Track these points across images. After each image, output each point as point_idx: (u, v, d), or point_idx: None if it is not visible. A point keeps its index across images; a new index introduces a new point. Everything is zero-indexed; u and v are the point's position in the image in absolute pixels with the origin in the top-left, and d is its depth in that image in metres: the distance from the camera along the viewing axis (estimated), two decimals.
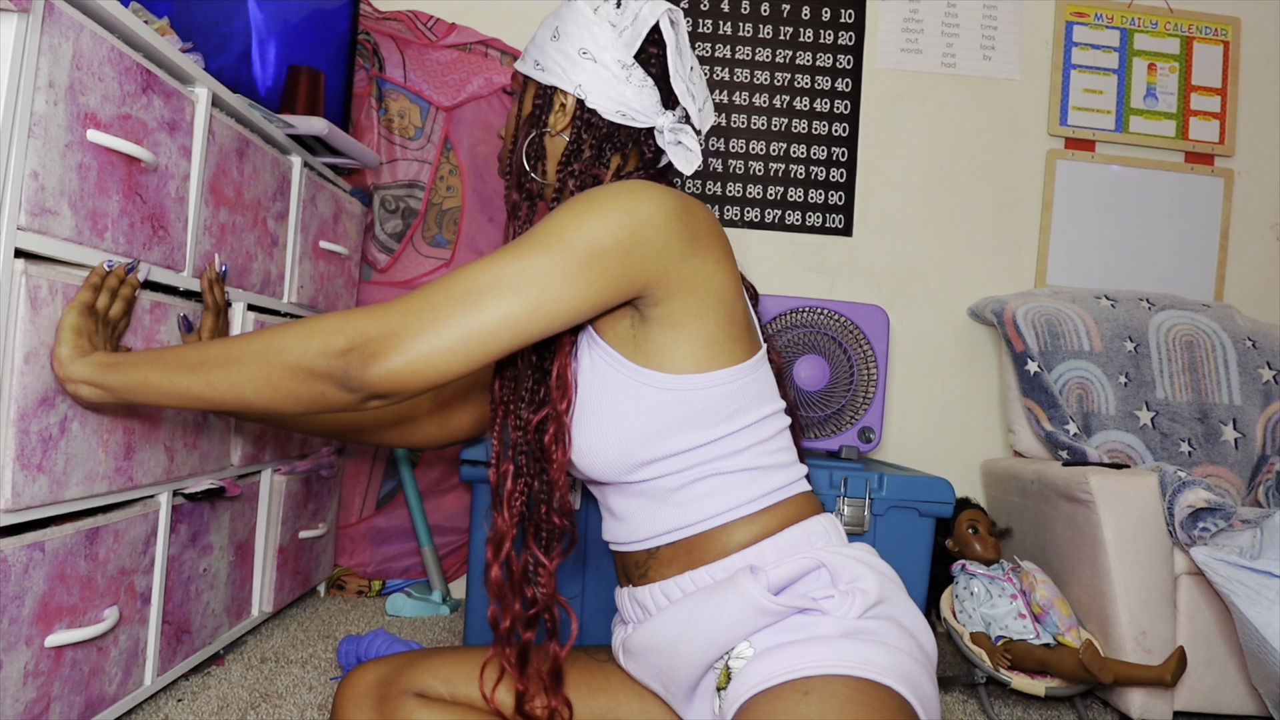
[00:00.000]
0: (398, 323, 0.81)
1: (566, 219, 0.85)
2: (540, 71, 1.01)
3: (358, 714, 0.96)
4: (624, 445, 0.91)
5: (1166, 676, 1.41)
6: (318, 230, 1.73)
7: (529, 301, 0.82)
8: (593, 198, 0.86)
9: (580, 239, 0.83)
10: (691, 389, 0.90)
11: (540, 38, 1.02)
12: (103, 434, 1.07)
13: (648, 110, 0.99)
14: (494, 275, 0.82)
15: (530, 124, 1.02)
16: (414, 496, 2.01)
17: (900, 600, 0.91)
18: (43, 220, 0.95)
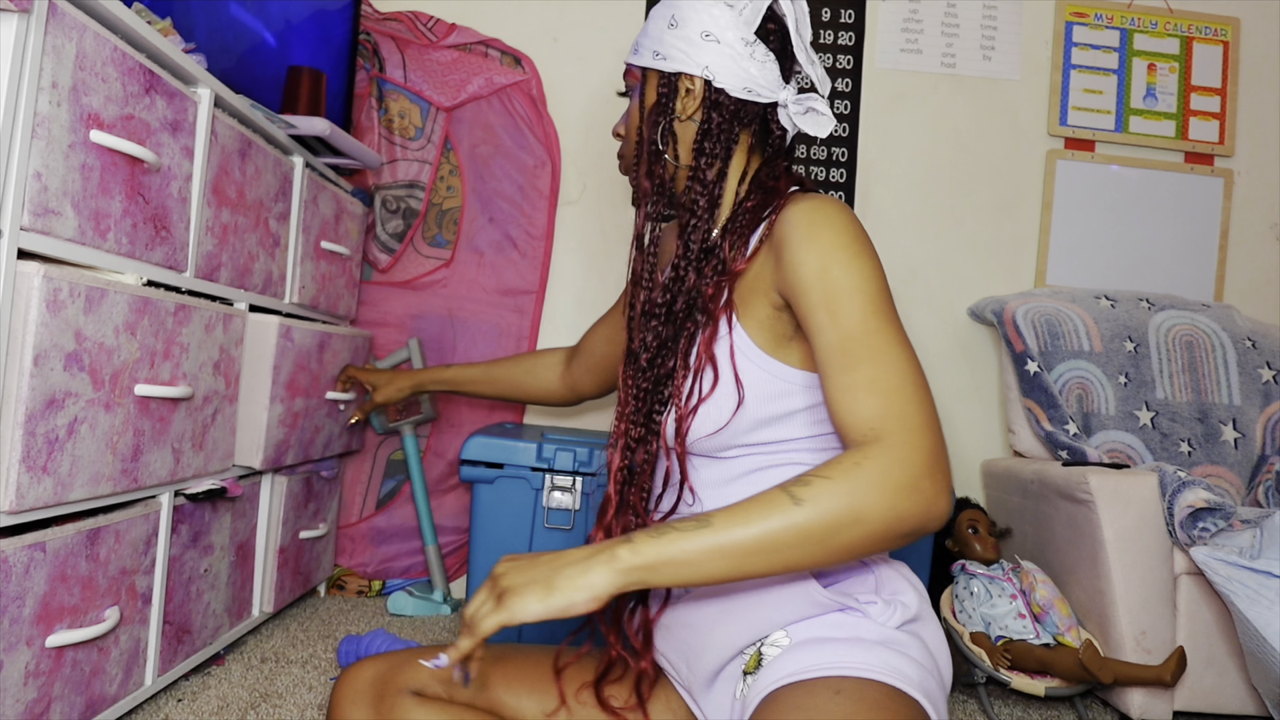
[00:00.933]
0: (927, 443, 0.79)
1: (863, 269, 0.87)
2: (662, 60, 1.01)
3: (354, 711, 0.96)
4: (735, 427, 0.93)
5: (1166, 676, 1.42)
6: (319, 231, 1.73)
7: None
8: (854, 239, 0.89)
9: (882, 282, 0.89)
10: (810, 386, 0.93)
11: (655, 29, 1.03)
12: (113, 436, 1.08)
13: (771, 85, 1.01)
14: (905, 350, 0.84)
15: (658, 112, 1.02)
16: (422, 495, 2.01)
17: (931, 623, 0.93)
18: (46, 221, 0.95)
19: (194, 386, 1.27)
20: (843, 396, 0.82)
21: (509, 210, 2.13)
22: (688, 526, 0.76)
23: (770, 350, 0.94)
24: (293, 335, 1.48)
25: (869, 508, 0.75)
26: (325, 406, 1.67)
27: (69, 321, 0.98)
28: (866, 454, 0.77)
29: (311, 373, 1.56)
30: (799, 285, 0.88)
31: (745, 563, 0.75)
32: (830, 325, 0.85)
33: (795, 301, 0.89)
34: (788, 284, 0.90)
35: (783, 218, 0.93)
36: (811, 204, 0.92)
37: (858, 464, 0.77)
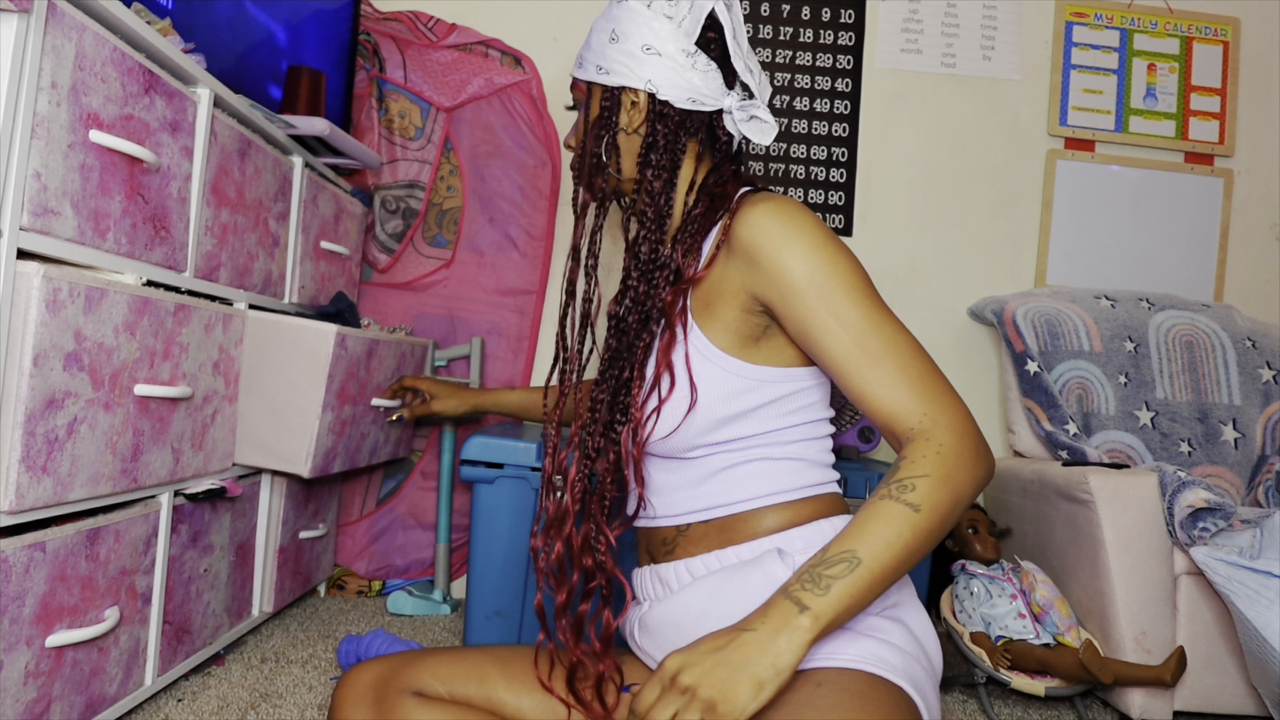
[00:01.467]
0: (965, 410, 0.85)
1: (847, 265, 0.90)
2: (605, 75, 1.02)
3: (356, 713, 0.96)
4: (690, 428, 0.95)
5: (1166, 676, 1.42)
6: (319, 230, 1.73)
7: None
8: (827, 238, 0.91)
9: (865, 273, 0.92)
10: (773, 381, 0.95)
11: (596, 43, 1.04)
12: (112, 436, 1.08)
13: (714, 93, 1.02)
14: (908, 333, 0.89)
15: (601, 126, 1.04)
16: (447, 491, 2.01)
17: (913, 607, 0.94)
18: (45, 220, 0.95)
19: (194, 386, 1.27)
20: (880, 390, 0.86)
21: (509, 210, 2.13)
22: (840, 570, 0.77)
23: (733, 350, 0.95)
24: (347, 344, 1.46)
25: (963, 486, 0.81)
26: (371, 414, 1.65)
27: (69, 321, 0.98)
28: (937, 438, 0.82)
29: (360, 380, 1.55)
30: (788, 290, 0.90)
31: (890, 582, 0.79)
32: (837, 326, 0.88)
33: (784, 306, 0.91)
34: (771, 289, 0.91)
35: (744, 220, 0.94)
36: (773, 205, 0.93)
37: (938, 452, 0.81)
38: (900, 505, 0.79)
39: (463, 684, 0.99)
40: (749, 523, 0.97)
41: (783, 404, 0.96)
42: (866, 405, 0.88)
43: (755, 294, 0.93)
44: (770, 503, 0.96)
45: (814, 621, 0.74)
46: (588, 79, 1.05)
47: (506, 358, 2.13)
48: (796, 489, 0.97)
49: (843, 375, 0.88)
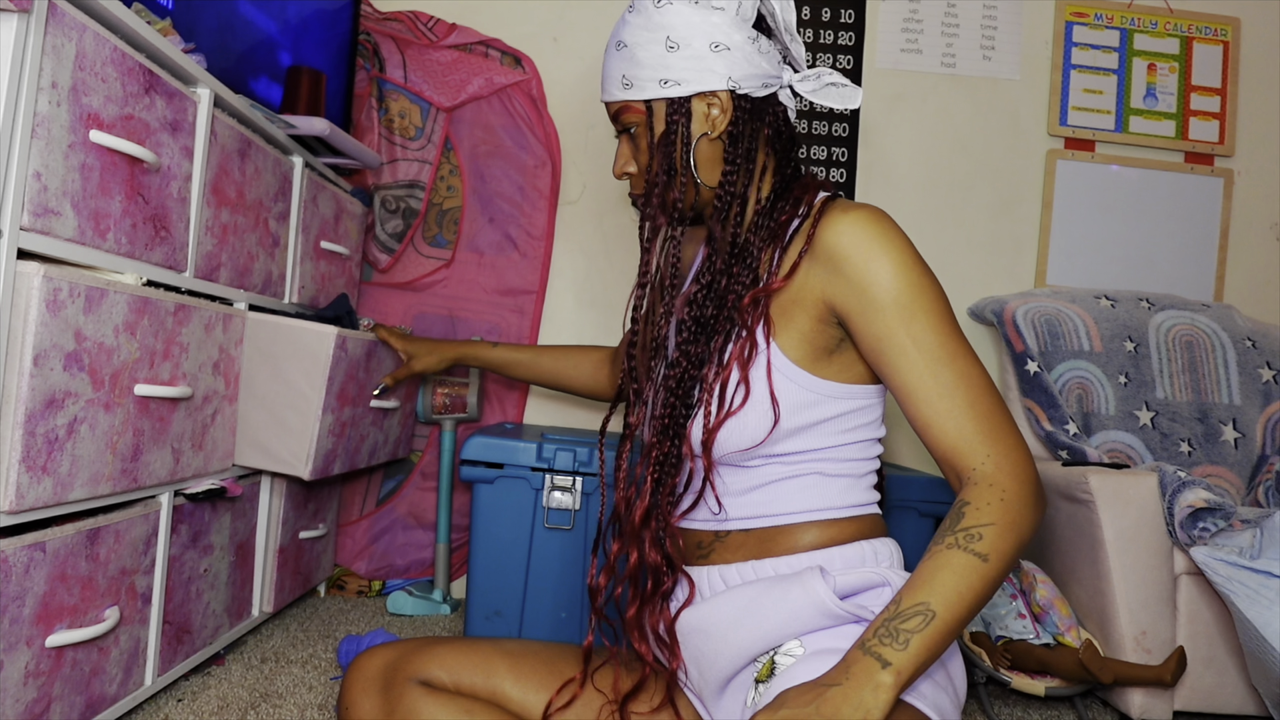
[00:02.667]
0: (1026, 452, 0.86)
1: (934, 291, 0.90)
2: (675, 86, 0.97)
3: (365, 700, 0.97)
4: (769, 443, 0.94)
5: (1166, 676, 1.42)
6: (319, 230, 1.73)
7: None
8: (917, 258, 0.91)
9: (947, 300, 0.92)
10: (837, 397, 0.95)
11: (649, 57, 0.97)
12: (113, 436, 1.08)
13: (777, 72, 1.00)
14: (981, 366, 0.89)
15: (672, 141, 0.98)
16: (447, 492, 2.01)
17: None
18: (45, 221, 0.95)
19: (194, 386, 1.27)
20: (947, 423, 0.86)
21: (509, 210, 2.13)
22: (915, 624, 0.77)
23: (805, 364, 0.94)
24: (347, 345, 1.46)
25: (1026, 532, 0.82)
26: (370, 415, 1.65)
27: (69, 321, 0.98)
28: (1000, 484, 0.82)
29: (359, 382, 1.55)
30: (870, 304, 0.88)
31: (960, 631, 0.80)
32: (914, 349, 0.87)
33: (861, 319, 0.89)
34: (851, 299, 0.89)
35: (832, 226, 0.92)
36: (867, 215, 0.92)
37: (1002, 499, 0.82)
38: (969, 555, 0.79)
39: (469, 675, 0.99)
40: (790, 536, 0.96)
41: (843, 420, 0.96)
42: (930, 435, 0.87)
43: (833, 303, 0.91)
44: (814, 518, 0.96)
45: (896, 677, 0.75)
46: (648, 97, 0.98)
47: None
48: (842, 507, 0.97)
49: (911, 400, 0.87)
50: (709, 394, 0.94)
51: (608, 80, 1.01)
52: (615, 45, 1.00)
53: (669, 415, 0.96)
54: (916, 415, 0.88)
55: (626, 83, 0.99)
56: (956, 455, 0.85)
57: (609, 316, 2.17)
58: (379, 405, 1.65)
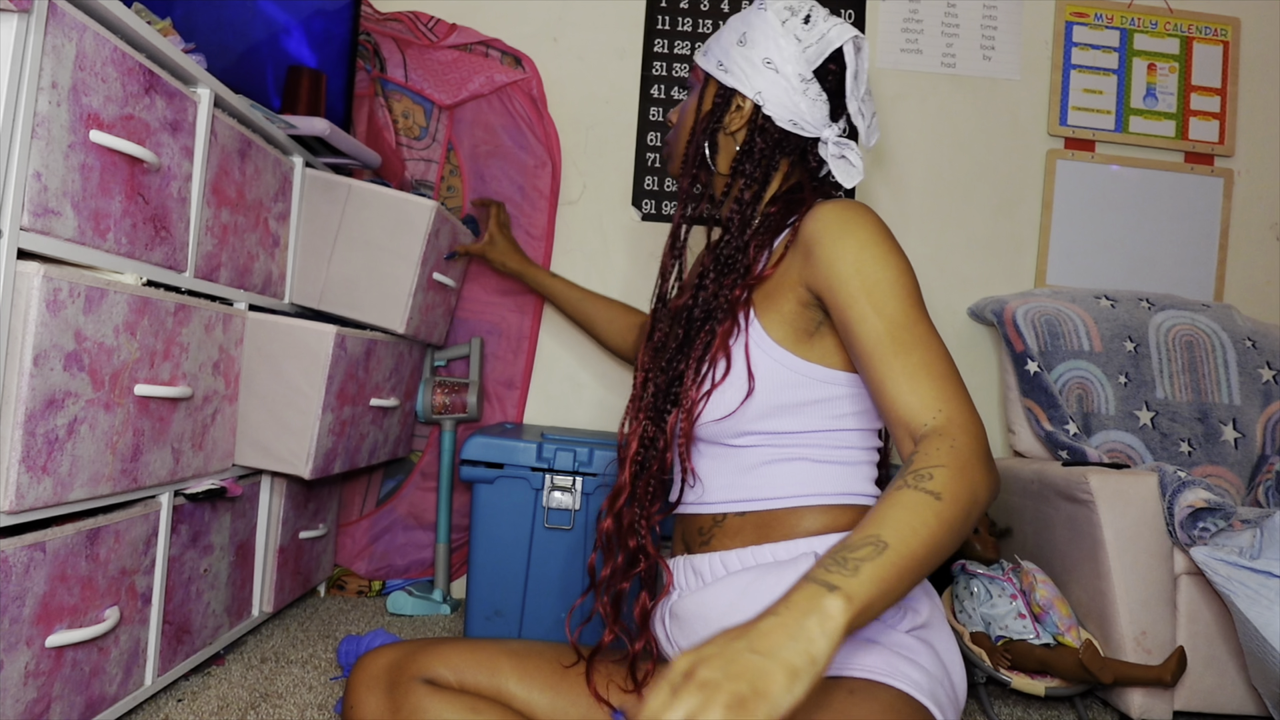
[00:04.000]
0: (979, 420, 0.85)
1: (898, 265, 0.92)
2: (723, 72, 1.07)
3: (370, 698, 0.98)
4: (744, 414, 0.97)
5: (1166, 676, 1.42)
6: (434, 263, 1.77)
7: None
8: (885, 237, 0.94)
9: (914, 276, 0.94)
10: (821, 380, 0.97)
11: (726, 39, 1.08)
12: (113, 436, 1.08)
13: (817, 122, 1.06)
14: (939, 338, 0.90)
15: (710, 119, 1.08)
16: (447, 492, 2.01)
17: (943, 631, 0.95)
18: (45, 221, 0.95)
19: (194, 386, 1.27)
20: (903, 379, 0.86)
21: (509, 210, 2.13)
22: (866, 553, 0.68)
23: (787, 345, 0.97)
24: (346, 344, 1.47)
25: (979, 485, 0.77)
26: (371, 414, 1.66)
27: (69, 321, 0.98)
28: (951, 435, 0.80)
29: (359, 381, 1.55)
30: (836, 278, 0.92)
31: (918, 573, 0.71)
32: (875, 314, 0.89)
33: (830, 293, 0.92)
34: (821, 277, 0.93)
35: (810, 219, 0.97)
36: (840, 204, 0.96)
37: (952, 447, 0.79)
38: (920, 493, 0.74)
39: (473, 674, 1.00)
40: (787, 521, 0.98)
41: (830, 406, 0.98)
42: (884, 394, 0.87)
43: (809, 284, 0.95)
44: (810, 503, 0.97)
45: (846, 603, 0.63)
46: (707, 69, 1.09)
47: (507, 357, 2.12)
48: (838, 494, 0.98)
49: (869, 362, 0.88)
50: (688, 381, 0.98)
51: (708, 43, 1.13)
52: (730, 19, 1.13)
53: (655, 405, 1.01)
54: (873, 377, 0.88)
55: (706, 49, 1.12)
56: (909, 412, 0.84)
57: None
58: (378, 404, 1.65)
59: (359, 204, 1.66)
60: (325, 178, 1.67)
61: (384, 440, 1.78)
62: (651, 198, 2.18)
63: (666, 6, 2.19)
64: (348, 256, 1.66)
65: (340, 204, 1.66)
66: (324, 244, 1.66)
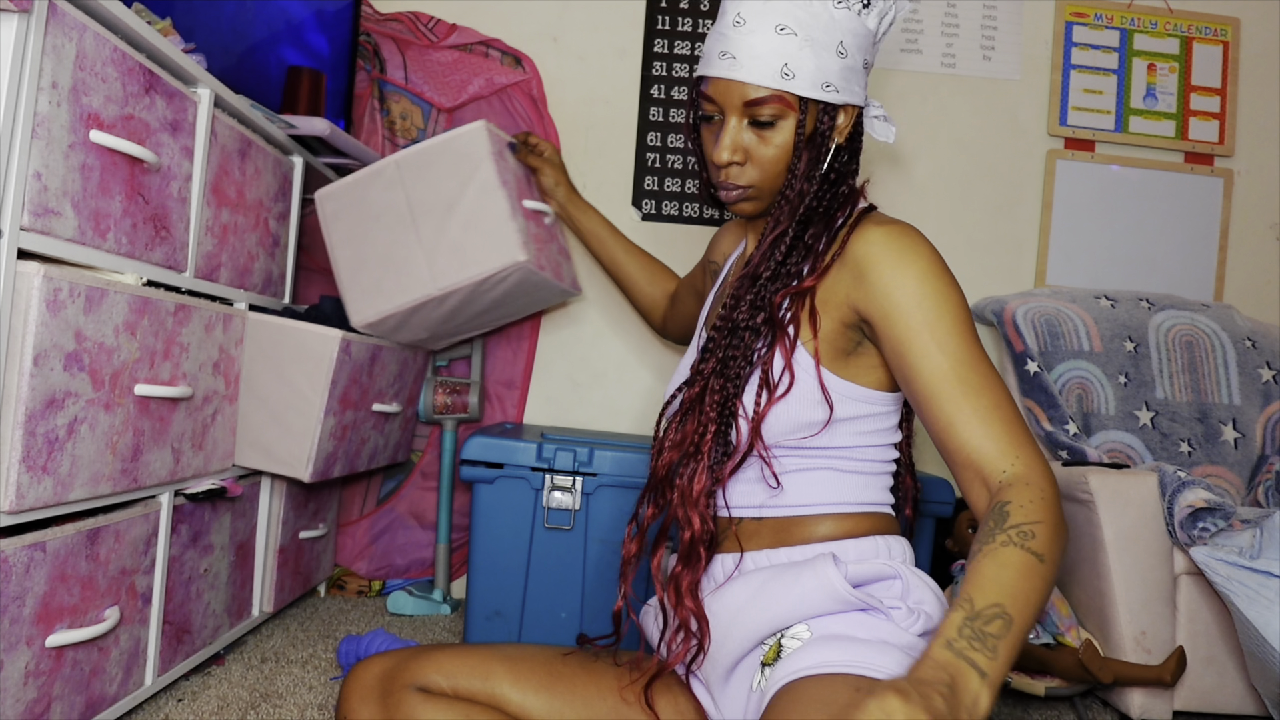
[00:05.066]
0: (1042, 460, 0.84)
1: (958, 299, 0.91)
2: (833, 92, 0.97)
3: (363, 708, 0.97)
4: (780, 427, 0.96)
5: (1166, 676, 1.42)
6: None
7: None
8: (944, 268, 0.92)
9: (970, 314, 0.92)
10: (853, 399, 0.96)
11: (819, 57, 0.95)
12: (113, 436, 1.08)
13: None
14: (1001, 378, 0.88)
15: (818, 143, 0.98)
16: (448, 492, 2.01)
17: None
18: (45, 221, 0.95)
19: (194, 386, 1.27)
20: (973, 423, 0.85)
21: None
22: (998, 628, 0.72)
23: (825, 362, 0.95)
24: (351, 349, 1.46)
25: (1066, 539, 0.80)
26: (372, 419, 1.66)
27: (69, 321, 0.98)
28: (1038, 484, 0.81)
29: (362, 386, 1.55)
30: (894, 309, 0.89)
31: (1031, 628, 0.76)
32: (939, 352, 0.87)
33: (886, 322, 0.90)
34: (875, 305, 0.91)
35: (863, 236, 0.95)
36: (896, 229, 0.94)
37: (1043, 498, 0.80)
38: (1027, 554, 0.76)
39: (467, 679, 1.00)
40: (805, 527, 0.97)
41: (859, 424, 0.97)
42: (952, 435, 0.86)
43: (858, 308, 0.93)
44: (829, 511, 0.97)
45: (991, 691, 0.69)
46: (809, 95, 0.95)
47: (506, 358, 2.13)
48: (854, 502, 0.98)
49: (934, 401, 0.87)
50: (763, 376, 0.95)
51: (757, 61, 0.94)
52: (776, 28, 0.94)
53: (720, 392, 0.97)
54: (938, 416, 0.87)
55: (788, 73, 0.94)
56: (983, 457, 0.84)
57: (608, 316, 2.17)
58: (380, 409, 1.65)
59: (414, 172, 1.54)
60: (359, 178, 1.57)
61: (384, 445, 1.78)
62: (651, 198, 2.18)
63: (666, 6, 2.19)
64: (439, 227, 1.52)
65: (398, 185, 1.54)
66: (406, 236, 1.53)
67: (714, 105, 0.98)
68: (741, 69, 0.95)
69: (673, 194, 2.18)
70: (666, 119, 2.18)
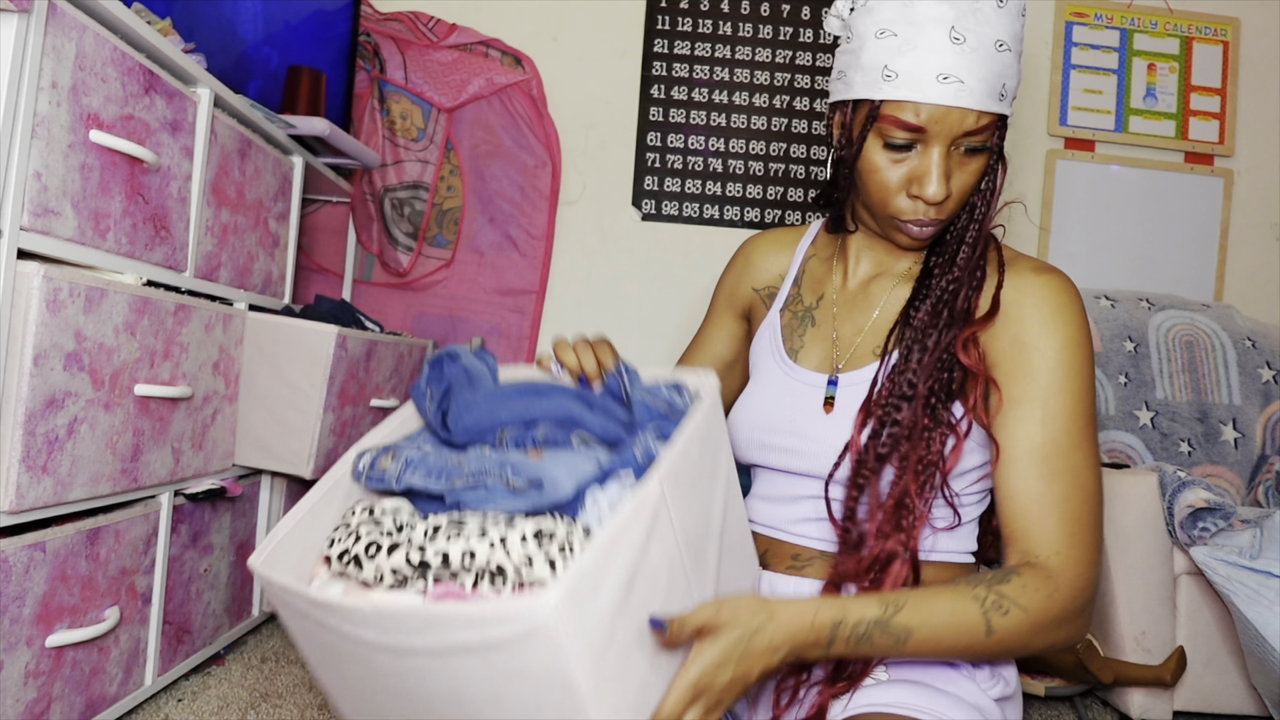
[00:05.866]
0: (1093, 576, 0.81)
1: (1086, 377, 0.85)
2: (1009, 102, 0.89)
3: None
4: (986, 466, 0.90)
5: (1166, 676, 1.42)
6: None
7: None
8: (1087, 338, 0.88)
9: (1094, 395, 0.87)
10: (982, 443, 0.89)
11: (1016, 66, 0.87)
12: (112, 436, 1.08)
13: None
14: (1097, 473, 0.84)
15: (996, 163, 0.92)
16: None
17: (1017, 703, 0.91)
18: (45, 220, 0.95)
19: (194, 386, 1.27)
20: (1034, 507, 0.81)
21: (509, 210, 2.13)
22: (886, 645, 0.74)
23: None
24: (347, 345, 1.46)
25: (1039, 642, 0.78)
26: (371, 415, 1.66)
27: (69, 321, 0.98)
28: (1056, 585, 0.78)
29: (360, 381, 1.55)
30: (1023, 363, 0.85)
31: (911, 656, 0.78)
32: (1040, 425, 0.83)
33: (1003, 373, 0.86)
34: (1005, 352, 0.86)
35: (1020, 284, 0.90)
36: (1055, 282, 0.90)
37: (1050, 596, 0.77)
38: (983, 618, 0.75)
39: None
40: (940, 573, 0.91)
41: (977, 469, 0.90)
42: (1011, 507, 0.83)
43: (986, 350, 0.88)
44: (957, 560, 0.92)
45: (791, 654, 0.72)
46: (1008, 112, 0.88)
47: (507, 358, 2.13)
48: (966, 552, 0.92)
49: (1010, 467, 0.83)
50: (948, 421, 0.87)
51: (981, 84, 0.83)
52: (995, 45, 0.83)
53: (917, 459, 0.86)
54: (1006, 482, 0.83)
55: (1004, 93, 0.85)
56: (1027, 538, 0.81)
57: (608, 316, 2.17)
58: (378, 405, 1.65)
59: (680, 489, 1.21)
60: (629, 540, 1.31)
61: None
62: (651, 198, 2.18)
63: (666, 6, 2.18)
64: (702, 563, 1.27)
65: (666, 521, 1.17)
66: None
67: (917, 133, 0.85)
68: (969, 95, 0.83)
69: (673, 194, 2.18)
70: (666, 119, 2.18)
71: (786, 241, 1.12)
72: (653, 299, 2.18)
